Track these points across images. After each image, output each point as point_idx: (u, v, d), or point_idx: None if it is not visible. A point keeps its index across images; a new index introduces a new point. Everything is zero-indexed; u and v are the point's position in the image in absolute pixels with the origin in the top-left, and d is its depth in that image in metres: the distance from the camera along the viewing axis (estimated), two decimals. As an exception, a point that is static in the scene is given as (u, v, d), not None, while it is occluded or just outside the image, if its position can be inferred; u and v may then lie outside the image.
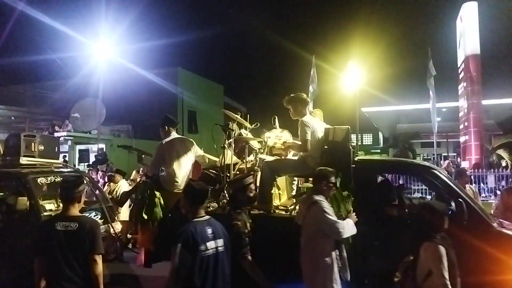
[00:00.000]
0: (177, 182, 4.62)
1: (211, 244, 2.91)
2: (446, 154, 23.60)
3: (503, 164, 14.99)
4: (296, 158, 4.68)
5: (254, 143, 5.18)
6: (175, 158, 4.69)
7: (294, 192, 5.25)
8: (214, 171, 5.20)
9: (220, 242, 2.99)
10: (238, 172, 5.00)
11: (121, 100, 17.35)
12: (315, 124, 4.44)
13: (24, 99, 15.27)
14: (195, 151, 4.94)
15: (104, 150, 14.91)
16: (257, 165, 5.02)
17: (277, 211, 4.50)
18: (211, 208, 4.71)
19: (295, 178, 5.29)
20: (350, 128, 4.25)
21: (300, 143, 4.41)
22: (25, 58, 15.00)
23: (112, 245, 5.69)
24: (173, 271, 2.78)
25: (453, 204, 3.82)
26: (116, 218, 6.20)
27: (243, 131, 5.42)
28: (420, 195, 11.42)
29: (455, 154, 23.28)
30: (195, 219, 2.98)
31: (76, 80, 16.63)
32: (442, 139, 22.25)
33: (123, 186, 7.87)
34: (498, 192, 9.47)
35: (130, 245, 7.34)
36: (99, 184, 9.72)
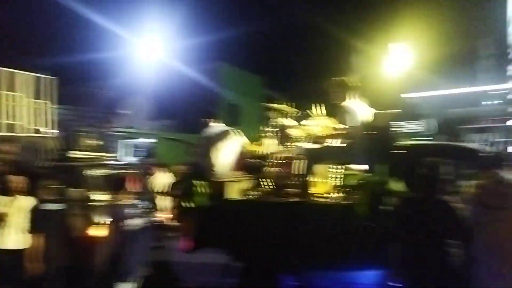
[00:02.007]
0: (215, 171, 4.72)
1: None
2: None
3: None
4: (336, 145, 4.59)
5: (292, 131, 5.14)
6: (213, 148, 4.80)
7: (333, 181, 5.15)
8: (257, 160, 5.23)
9: None
10: (284, 161, 4.94)
11: (166, 95, 17.92)
12: (357, 109, 4.33)
13: (76, 98, 16.14)
14: (236, 141, 5.01)
15: (151, 144, 15.55)
16: (295, 153, 4.98)
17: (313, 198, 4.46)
18: (252, 196, 4.77)
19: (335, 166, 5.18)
20: (394, 113, 4.14)
21: (341, 129, 4.33)
22: (75, 58, 15.62)
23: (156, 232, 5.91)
24: None
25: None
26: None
27: (285, 120, 5.37)
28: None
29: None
30: None
31: (124, 78, 17.31)
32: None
33: (158, 177, 7.99)
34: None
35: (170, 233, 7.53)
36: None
